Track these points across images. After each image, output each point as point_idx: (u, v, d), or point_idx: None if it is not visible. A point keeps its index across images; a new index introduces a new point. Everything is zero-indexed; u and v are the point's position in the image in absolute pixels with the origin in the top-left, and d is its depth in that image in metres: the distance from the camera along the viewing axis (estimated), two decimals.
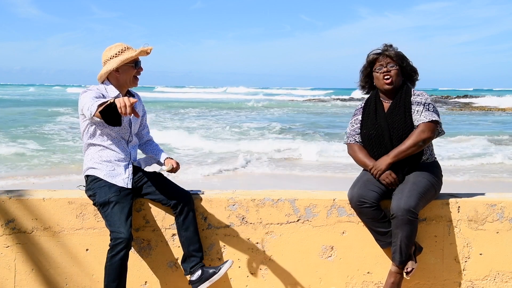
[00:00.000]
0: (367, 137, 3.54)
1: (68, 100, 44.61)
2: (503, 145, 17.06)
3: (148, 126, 3.73)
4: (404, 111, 3.46)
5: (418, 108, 3.47)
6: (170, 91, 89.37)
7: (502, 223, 3.54)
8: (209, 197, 3.56)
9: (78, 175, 9.18)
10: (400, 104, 3.49)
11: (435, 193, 3.49)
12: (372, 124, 3.53)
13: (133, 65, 3.40)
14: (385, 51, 3.53)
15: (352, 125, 3.67)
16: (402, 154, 3.39)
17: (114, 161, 3.38)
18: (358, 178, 3.53)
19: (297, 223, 3.56)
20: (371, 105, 3.61)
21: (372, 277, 3.57)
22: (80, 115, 3.37)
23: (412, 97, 3.51)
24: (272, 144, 15.92)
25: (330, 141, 16.66)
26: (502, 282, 3.56)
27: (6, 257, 3.47)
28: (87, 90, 3.31)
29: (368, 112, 3.59)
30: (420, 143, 3.39)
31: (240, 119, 27.99)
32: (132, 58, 3.36)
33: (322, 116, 31.18)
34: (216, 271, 3.33)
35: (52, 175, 10.72)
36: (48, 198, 3.48)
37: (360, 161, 3.56)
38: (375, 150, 3.50)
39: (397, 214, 3.24)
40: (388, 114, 3.50)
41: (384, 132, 3.47)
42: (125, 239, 3.14)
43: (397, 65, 3.51)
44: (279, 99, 60.63)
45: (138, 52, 3.36)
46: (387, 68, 3.50)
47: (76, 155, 13.16)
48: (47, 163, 12.37)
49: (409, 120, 3.45)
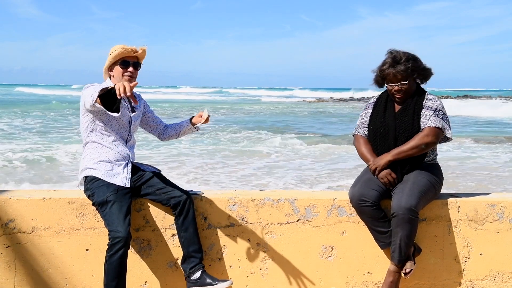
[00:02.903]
0: (373, 133, 3.56)
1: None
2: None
3: (158, 118, 3.77)
4: (413, 113, 3.47)
5: (427, 112, 3.46)
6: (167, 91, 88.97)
7: (502, 223, 3.54)
8: (209, 197, 3.56)
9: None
10: (410, 106, 3.49)
11: (435, 193, 3.49)
12: (380, 121, 3.54)
13: (120, 64, 3.44)
14: (394, 67, 3.44)
15: (362, 118, 3.69)
16: (402, 154, 3.40)
17: (113, 160, 3.39)
18: (359, 177, 3.54)
19: (297, 223, 3.56)
20: (382, 101, 3.61)
21: (372, 277, 3.57)
22: (81, 111, 3.41)
23: (424, 100, 3.51)
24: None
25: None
26: (502, 282, 3.56)
27: (6, 257, 3.47)
28: (90, 85, 3.37)
29: (378, 109, 3.60)
30: (422, 146, 3.39)
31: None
32: (118, 57, 3.43)
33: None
34: (213, 283, 3.33)
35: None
36: (48, 198, 3.48)
37: (363, 155, 3.57)
38: (378, 147, 3.51)
39: (397, 212, 3.24)
40: (398, 114, 3.51)
41: (390, 131, 3.48)
42: (123, 238, 3.14)
43: (407, 80, 3.45)
44: (276, 100, 60.49)
45: (121, 50, 3.40)
46: (398, 87, 3.47)
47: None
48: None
49: (417, 122, 3.45)
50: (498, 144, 17.55)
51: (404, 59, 3.45)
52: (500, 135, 20.51)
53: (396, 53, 3.49)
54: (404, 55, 3.47)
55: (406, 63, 3.44)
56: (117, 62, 3.44)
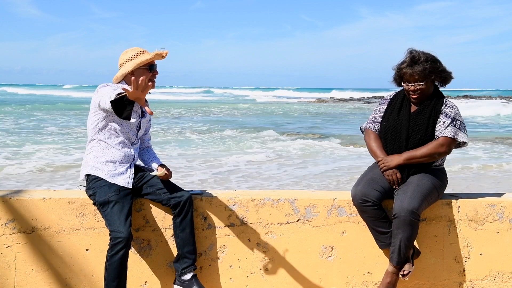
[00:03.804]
0: (385, 129, 3.53)
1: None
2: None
3: (149, 134, 3.73)
4: (429, 117, 3.43)
5: (445, 120, 3.44)
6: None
7: (502, 223, 3.54)
8: (209, 197, 3.56)
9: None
10: (427, 110, 3.45)
11: (438, 196, 3.48)
12: (394, 120, 3.51)
13: (148, 68, 3.40)
14: (412, 67, 3.41)
15: (376, 113, 3.65)
16: (414, 160, 3.39)
17: (117, 161, 3.38)
18: (362, 176, 3.53)
19: (297, 223, 3.56)
20: (398, 100, 3.57)
21: (372, 277, 3.57)
22: (93, 108, 3.37)
23: (443, 106, 3.47)
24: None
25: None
26: (502, 282, 3.56)
27: (6, 257, 3.47)
28: (106, 85, 3.36)
29: (394, 106, 3.56)
30: (435, 155, 3.39)
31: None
32: (147, 61, 3.37)
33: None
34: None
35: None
36: (48, 198, 3.48)
37: (372, 150, 3.54)
38: (389, 145, 3.48)
39: (399, 214, 3.24)
40: (413, 115, 3.47)
41: (403, 130, 3.45)
42: (124, 238, 3.15)
43: (424, 81, 3.41)
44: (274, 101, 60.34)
45: (153, 55, 3.37)
46: (414, 87, 3.43)
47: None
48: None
49: (432, 127, 3.43)
50: (499, 145, 17.56)
51: (423, 59, 3.41)
52: (500, 136, 20.54)
53: (416, 52, 3.44)
54: (423, 56, 3.42)
55: (425, 63, 3.40)
56: (145, 66, 3.38)
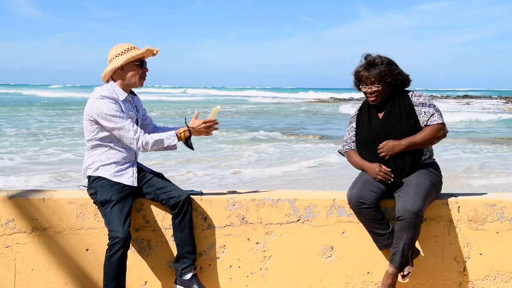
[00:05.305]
0: (364, 143, 3.55)
1: None
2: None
3: (149, 117, 3.71)
4: (400, 115, 3.46)
5: (426, 109, 3.46)
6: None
7: (502, 223, 3.54)
8: (209, 197, 3.56)
9: None
10: (395, 109, 3.49)
11: (437, 193, 3.49)
12: (368, 130, 3.54)
13: (139, 64, 3.40)
14: (368, 70, 3.48)
15: (349, 133, 3.70)
16: (415, 146, 3.41)
17: (121, 161, 3.38)
18: (357, 178, 3.53)
19: (297, 223, 3.56)
20: (364, 112, 3.62)
21: (372, 277, 3.57)
22: (88, 120, 3.34)
23: (412, 98, 3.51)
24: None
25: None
26: (502, 282, 3.56)
27: (6, 257, 3.47)
28: (103, 98, 3.28)
29: (363, 120, 3.60)
30: (434, 140, 3.43)
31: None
32: (137, 56, 3.37)
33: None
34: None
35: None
36: (48, 198, 3.48)
37: (357, 163, 3.58)
38: (371, 155, 3.49)
39: (404, 216, 3.23)
40: (384, 120, 3.50)
41: (381, 138, 3.47)
42: (122, 238, 3.15)
43: (381, 83, 3.47)
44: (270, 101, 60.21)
45: (144, 50, 3.37)
46: (371, 89, 3.49)
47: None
48: None
49: (406, 121, 3.45)
50: (498, 145, 17.56)
51: (379, 62, 3.48)
52: (498, 136, 20.53)
53: (371, 57, 3.52)
54: (379, 59, 3.49)
55: (380, 66, 3.46)
56: (136, 61, 3.38)
